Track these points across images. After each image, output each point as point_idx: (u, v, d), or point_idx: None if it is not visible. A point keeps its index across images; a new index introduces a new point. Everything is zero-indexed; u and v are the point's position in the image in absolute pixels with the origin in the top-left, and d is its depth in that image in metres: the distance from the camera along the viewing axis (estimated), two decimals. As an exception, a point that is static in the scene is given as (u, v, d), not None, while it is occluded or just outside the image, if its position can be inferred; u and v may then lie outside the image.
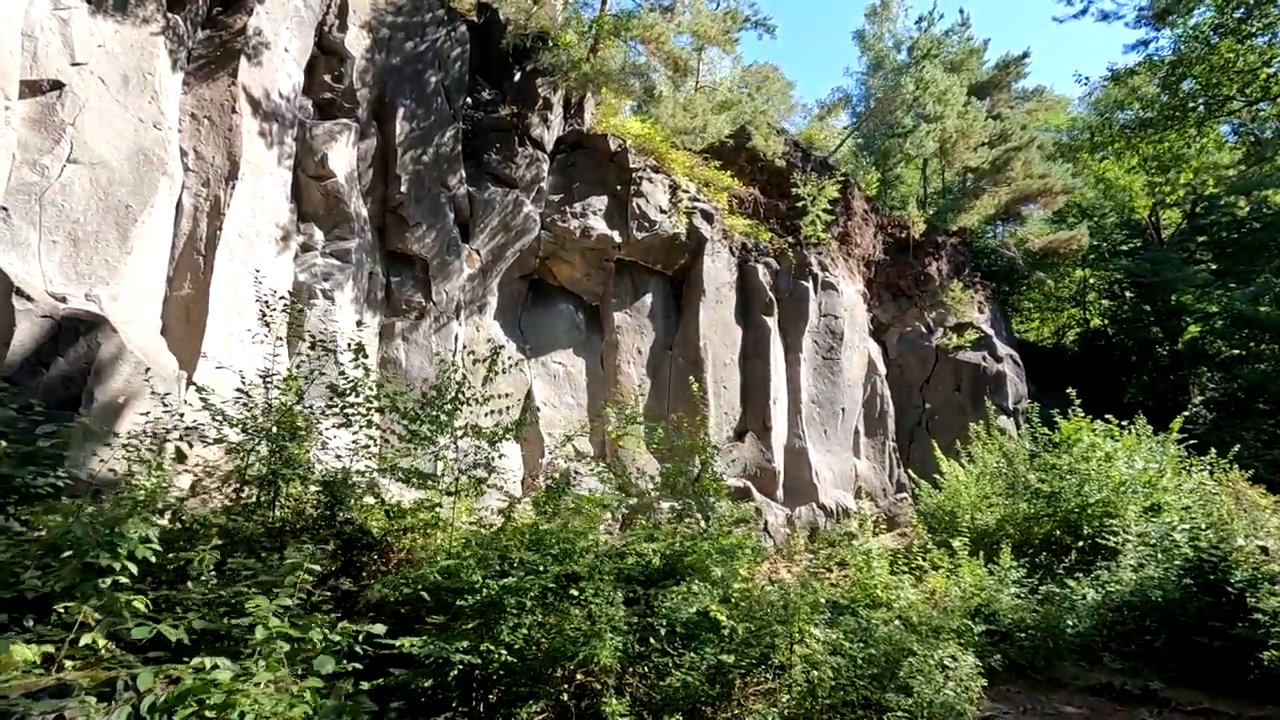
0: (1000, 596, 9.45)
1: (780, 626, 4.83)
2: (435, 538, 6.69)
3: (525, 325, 13.76)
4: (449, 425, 6.57)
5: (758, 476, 14.33)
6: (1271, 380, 21.54)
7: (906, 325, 19.39)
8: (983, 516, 12.96)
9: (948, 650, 5.44)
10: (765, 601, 5.26)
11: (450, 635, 4.98)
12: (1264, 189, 26.45)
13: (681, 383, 14.33)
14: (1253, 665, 7.94)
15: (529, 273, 13.77)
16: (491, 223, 12.77)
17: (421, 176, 11.80)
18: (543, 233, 13.45)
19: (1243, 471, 13.57)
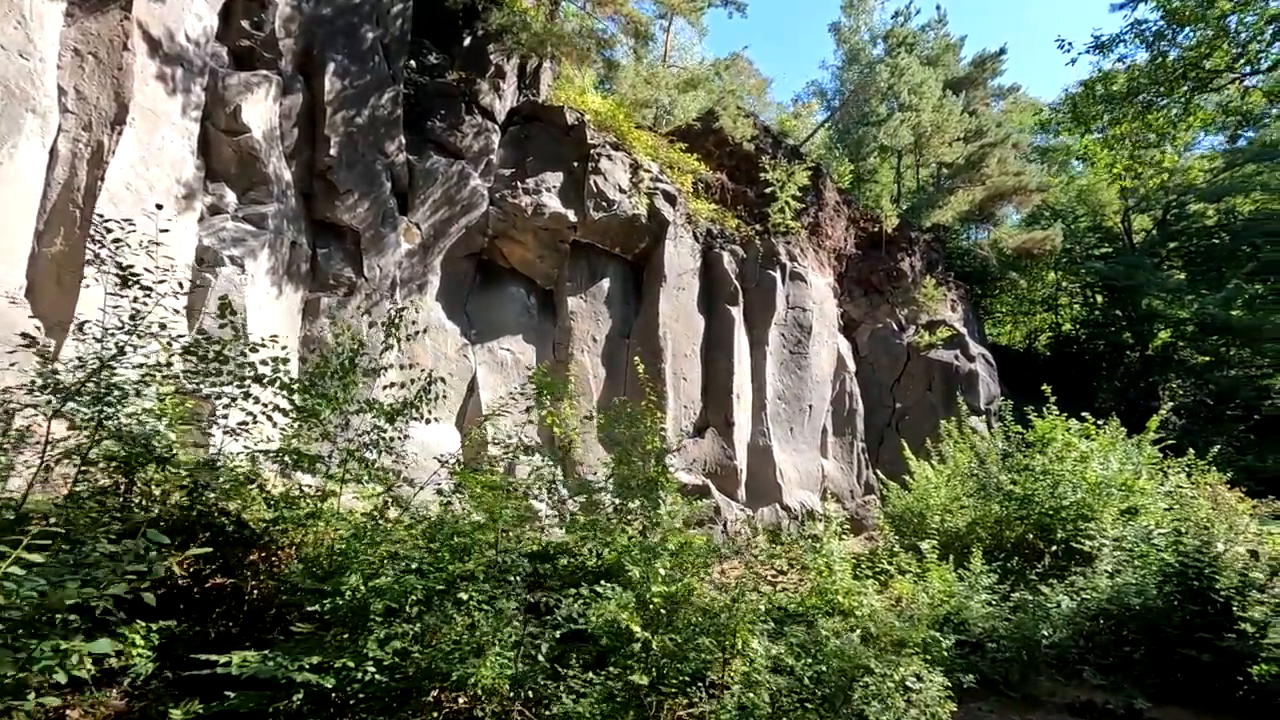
0: (971, 604, 8.69)
1: (708, 639, 3.95)
2: (326, 531, 5.72)
3: (472, 308, 12.78)
4: (340, 400, 5.59)
5: (718, 475, 13.49)
6: (1242, 386, 21.34)
7: (878, 322, 18.75)
8: (953, 519, 12.26)
9: (911, 667, 4.62)
10: (699, 608, 4.37)
11: (308, 648, 4.04)
12: (1234, 194, 26.50)
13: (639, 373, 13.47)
14: (1242, 680, 7.28)
15: (476, 252, 12.80)
16: (433, 195, 11.78)
17: (354, 140, 10.78)
18: (492, 209, 12.50)
19: (1220, 474, 13.05)
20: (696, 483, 13.06)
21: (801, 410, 15.66)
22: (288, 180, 10.10)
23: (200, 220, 9.11)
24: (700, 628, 4.09)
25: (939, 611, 8.69)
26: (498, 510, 4.53)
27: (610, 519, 7.19)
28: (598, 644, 3.95)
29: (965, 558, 10.09)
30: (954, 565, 9.91)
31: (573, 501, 9.80)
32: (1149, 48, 8.38)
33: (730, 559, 11.32)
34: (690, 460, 13.39)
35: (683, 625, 4.02)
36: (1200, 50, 8.31)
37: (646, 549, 4.49)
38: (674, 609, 4.13)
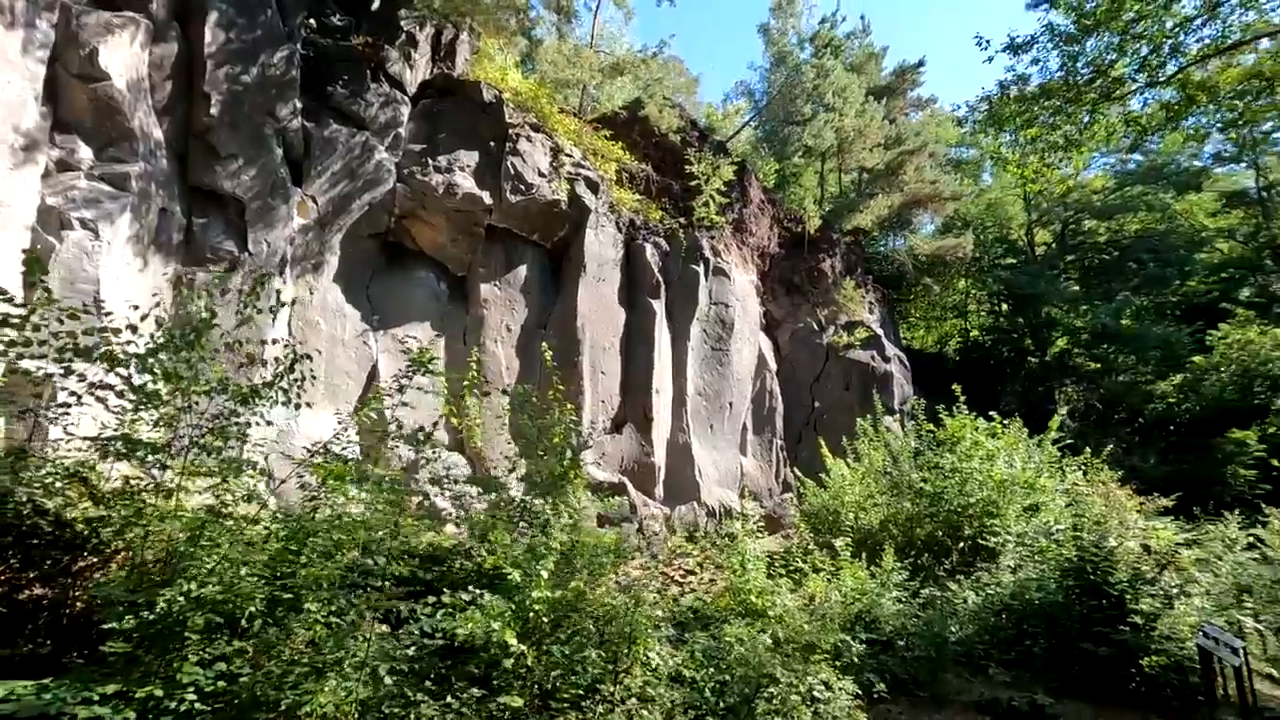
0: (882, 602, 8.61)
1: (598, 651, 3.49)
2: (162, 532, 4.91)
3: (375, 293, 11.86)
4: (186, 380, 4.80)
5: (635, 472, 13.08)
6: (1129, 392, 22.74)
7: (799, 322, 18.85)
8: (866, 516, 12.31)
9: (820, 674, 4.30)
10: (593, 615, 3.89)
11: (110, 673, 3.31)
12: (1124, 213, 28.37)
13: (556, 366, 12.89)
14: (1134, 672, 7.45)
15: (382, 232, 11.90)
16: (333, 167, 10.83)
17: (240, 100, 9.74)
18: (399, 186, 11.64)
19: (1112, 473, 13.67)
20: (612, 480, 12.60)
21: (722, 408, 15.47)
22: (158, 139, 8.99)
23: (46, 177, 7.94)
24: (591, 637, 3.62)
25: (851, 610, 8.56)
26: (377, 505, 3.93)
27: (512, 517, 6.62)
28: (480, 658, 3.41)
29: (878, 555, 10.06)
30: (867, 562, 9.85)
31: (483, 500, 9.12)
32: (1060, 51, 8.59)
33: (642, 558, 10.92)
34: (607, 456, 12.92)
35: (568, 635, 3.54)
36: (1107, 57, 8.54)
37: (531, 550, 3.97)
38: (561, 616, 3.63)
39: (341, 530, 3.93)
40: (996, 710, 6.61)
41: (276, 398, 5.17)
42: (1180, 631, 8.70)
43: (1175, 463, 19.42)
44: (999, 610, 9.18)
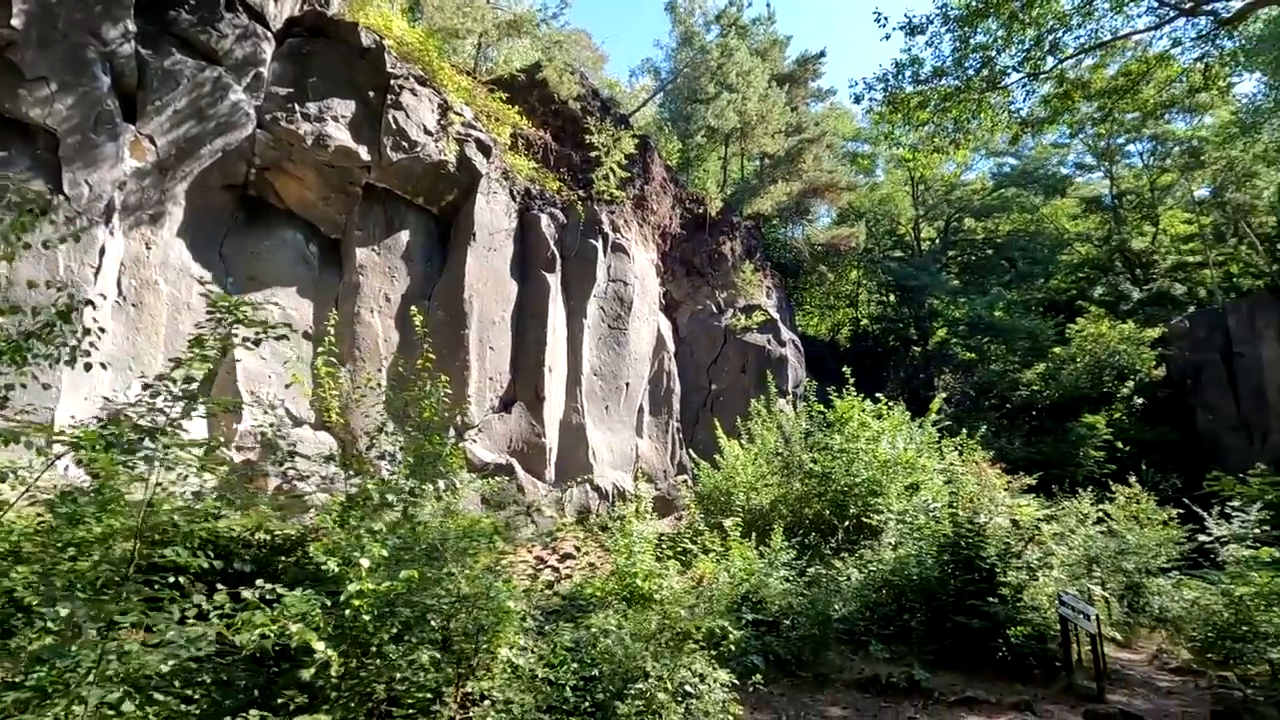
0: (770, 581, 8.52)
1: (430, 653, 2.93)
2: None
3: (230, 251, 10.55)
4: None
5: (524, 453, 12.46)
6: (999, 380, 24.35)
7: (698, 303, 18.75)
8: (758, 497, 12.32)
9: (695, 665, 3.96)
10: (437, 609, 3.32)
11: None
12: (999, 213, 30.34)
13: (440, 340, 12.00)
14: (1002, 642, 7.71)
15: (240, 184, 10.59)
16: (176, 103, 9.44)
17: (53, 13, 8.24)
18: (260, 133, 10.36)
19: (985, 453, 14.41)
20: (499, 460, 11.93)
21: (619, 388, 15.08)
22: (-62, 49, 7.43)
23: None
24: (429, 635, 3.06)
25: (739, 590, 8.42)
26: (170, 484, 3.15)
27: (369, 500, 5.87)
28: (267, 666, 2.77)
29: (768, 535, 10.02)
30: (757, 543, 9.78)
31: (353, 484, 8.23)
32: (953, 35, 8.71)
33: (526, 543, 10.37)
34: (494, 436, 12.22)
35: (396, 634, 2.95)
36: (994, 47, 8.73)
37: (352, 536, 3.33)
38: (389, 613, 3.04)
39: (117, 515, 3.14)
40: (876, 686, 6.59)
41: (57, 355, 4.20)
42: (1041, 602, 9.16)
43: (1037, 445, 20.95)
44: (880, 586, 9.34)
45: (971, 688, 6.80)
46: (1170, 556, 13.53)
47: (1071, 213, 32.17)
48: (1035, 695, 6.75)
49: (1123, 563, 13.01)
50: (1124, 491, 14.81)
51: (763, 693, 6.43)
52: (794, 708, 6.06)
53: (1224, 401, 22.76)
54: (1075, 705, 6.47)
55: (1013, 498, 13.41)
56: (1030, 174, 30.66)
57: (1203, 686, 7.81)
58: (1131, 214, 30.57)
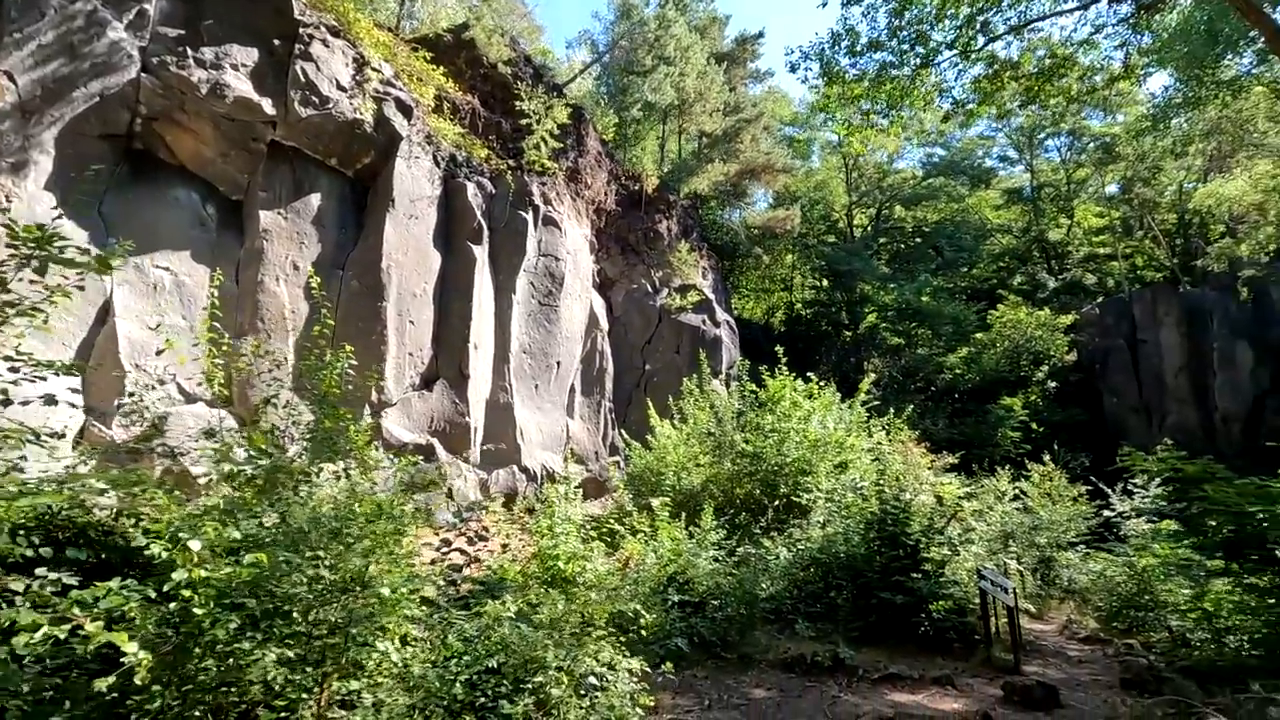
0: (698, 561, 8.30)
1: (277, 651, 2.48)
2: None
3: (112, 209, 9.49)
4: None
5: (447, 433, 11.86)
6: (925, 364, 25.06)
7: (633, 282, 18.40)
8: (689, 477, 12.13)
9: (601, 655, 3.63)
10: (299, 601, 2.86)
11: None
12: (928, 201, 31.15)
13: (355, 312, 11.28)
14: (924, 617, 7.74)
15: (122, 134, 9.52)
16: (41, 37, 8.36)
17: (-120, -81, 7.07)
18: (146, 78, 9.33)
19: (911, 432, 14.68)
20: (419, 440, 11.31)
21: (549, 367, 14.60)
22: None
23: None
24: (283, 632, 2.60)
25: (666, 572, 8.19)
26: None
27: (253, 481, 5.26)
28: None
29: (698, 515, 9.83)
30: (687, 523, 9.56)
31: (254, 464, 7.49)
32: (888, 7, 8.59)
33: (446, 528, 9.86)
34: (414, 415, 11.56)
35: (230, 633, 2.47)
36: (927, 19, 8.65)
37: (190, 517, 2.81)
38: (230, 606, 2.56)
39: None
40: (801, 666, 6.46)
41: None
42: (961, 577, 9.32)
43: (959, 426, 21.66)
44: (808, 565, 9.29)
45: (894, 663, 6.76)
46: (1079, 531, 14.18)
47: (995, 203, 33.37)
48: (955, 669, 6.77)
49: (1036, 538, 13.53)
50: (1039, 470, 15.41)
51: (686, 676, 6.20)
52: (718, 690, 5.85)
53: (1128, 385, 24.10)
54: (993, 678, 6.51)
55: (936, 476, 13.72)
56: (958, 164, 31.61)
57: (1110, 655, 8.06)
58: (1049, 206, 31.94)
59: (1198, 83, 13.85)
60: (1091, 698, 6.07)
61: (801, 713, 5.37)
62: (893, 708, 5.51)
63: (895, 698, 5.82)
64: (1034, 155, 31.88)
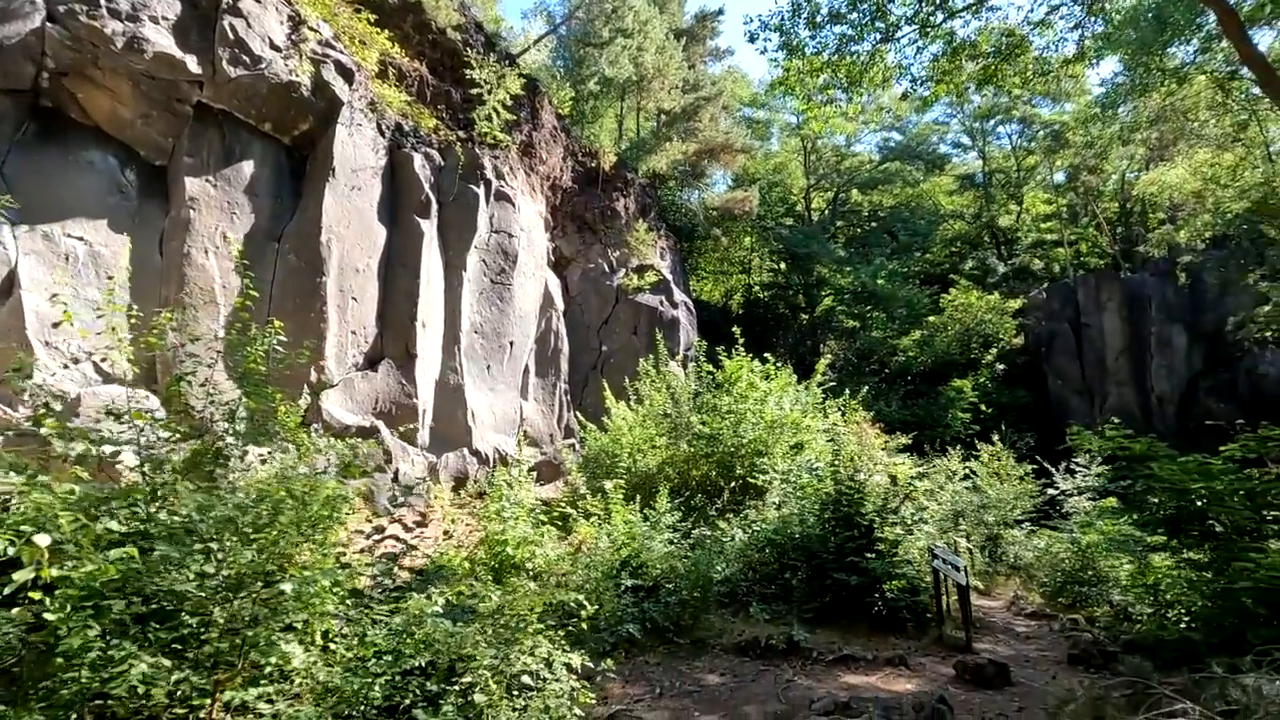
0: (653, 545, 8.11)
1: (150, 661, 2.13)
2: None
3: (16, 172, 8.70)
4: None
5: (393, 415, 11.38)
6: (879, 346, 25.38)
7: (590, 262, 18.01)
8: (644, 459, 11.94)
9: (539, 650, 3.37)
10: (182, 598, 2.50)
11: None
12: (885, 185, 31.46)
13: (293, 288, 10.67)
14: (878, 597, 7.72)
15: (27, 89, 8.71)
16: (-75, -24, 7.52)
17: None
18: (53, 29, 8.53)
19: (866, 413, 14.76)
20: (363, 423, 10.81)
21: (501, 347, 14.16)
22: None
23: None
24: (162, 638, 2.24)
25: (619, 556, 7.98)
26: None
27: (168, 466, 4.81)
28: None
29: (654, 498, 9.64)
30: (642, 506, 9.36)
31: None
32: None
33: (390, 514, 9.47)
34: (357, 396, 11.04)
35: (86, 640, 2.11)
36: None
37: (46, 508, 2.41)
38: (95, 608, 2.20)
39: None
40: (755, 649, 6.33)
41: None
42: (914, 556, 9.38)
43: (911, 407, 22.01)
44: (763, 546, 9.20)
45: (849, 645, 6.70)
46: (1025, 509, 14.56)
47: (948, 189, 33.91)
48: (909, 649, 6.75)
49: (985, 516, 13.83)
50: (988, 450, 15.74)
51: (639, 663, 6.00)
52: (670, 677, 5.67)
53: (1071, 367, 24.84)
54: (946, 656, 6.50)
55: (890, 456, 13.84)
56: (913, 149, 31.96)
57: (1056, 630, 8.19)
58: (1000, 193, 32.61)
59: (1145, 70, 14.12)
60: (1040, 674, 6.10)
61: (755, 697, 5.23)
62: (847, 690, 5.41)
63: (849, 679, 5.74)
64: (986, 142, 32.45)
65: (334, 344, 10.77)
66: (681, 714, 4.86)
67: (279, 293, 10.48)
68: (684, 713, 4.89)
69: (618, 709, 4.82)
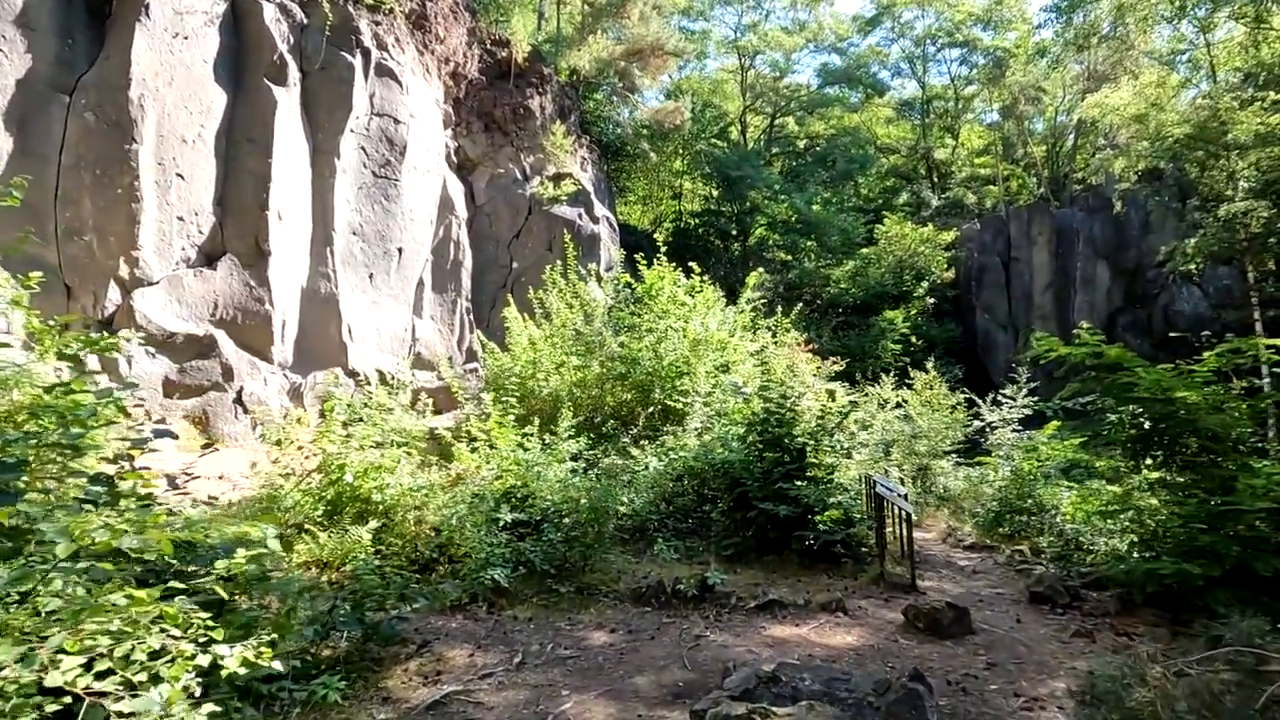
0: (546, 473, 6.63)
1: None
2: None
3: None
4: None
5: (238, 323, 9.33)
6: (812, 276, 24.43)
7: (499, 166, 15.90)
8: (550, 382, 10.37)
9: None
10: None
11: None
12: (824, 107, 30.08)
13: (92, 155, 8.34)
14: (810, 529, 6.56)
15: None
16: None
17: None
18: None
19: (799, 334, 13.69)
20: (196, 331, 8.74)
21: (388, 253, 12.11)
22: None
23: None
24: None
25: (503, 486, 6.49)
26: None
27: None
28: None
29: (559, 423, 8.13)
30: (543, 432, 7.82)
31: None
32: None
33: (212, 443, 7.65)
34: (188, 297, 8.91)
35: None
36: None
37: None
38: None
39: None
40: (658, 597, 5.00)
41: None
42: (849, 484, 8.31)
43: (842, 339, 21.24)
44: (680, 475, 7.91)
45: (775, 586, 5.48)
46: (955, 440, 14.03)
47: (887, 118, 32.90)
48: (846, 589, 5.60)
49: (916, 446, 13.14)
50: (922, 378, 15.03)
51: (504, 619, 4.57)
52: (542, 636, 4.26)
53: (999, 302, 24.63)
54: (890, 598, 5.38)
55: (822, 382, 12.81)
56: (853, 73, 30.54)
57: (1001, 563, 7.29)
58: (936, 123, 31.83)
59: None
60: (1000, 616, 5.05)
61: (650, 663, 3.89)
62: (772, 648, 4.15)
63: (775, 632, 4.49)
64: (926, 70, 31.38)
65: (152, 231, 8.56)
66: (544, 693, 3.45)
67: (70, 160, 8.15)
68: (548, 691, 3.49)
69: (451, 690, 3.37)
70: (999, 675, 3.84)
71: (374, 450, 5.98)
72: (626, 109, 23.40)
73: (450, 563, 5.26)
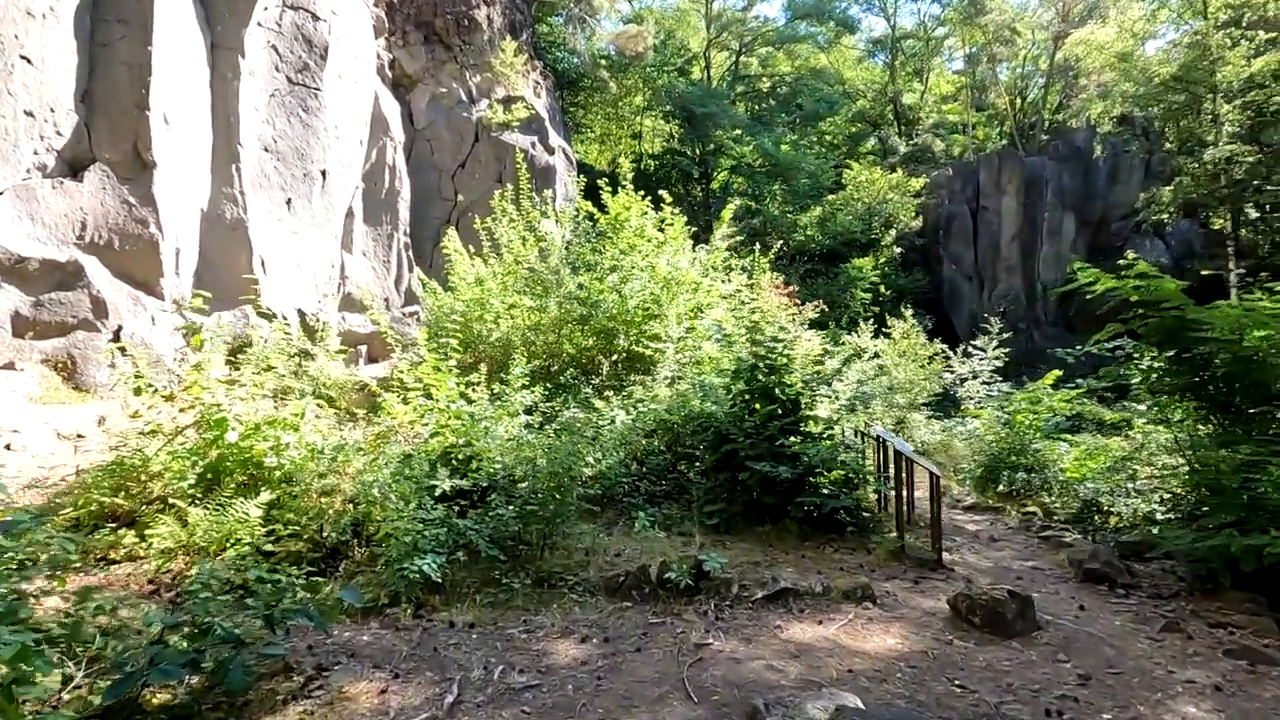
0: (496, 430, 5.41)
1: None
2: None
3: None
4: None
5: (115, 248, 7.66)
6: (775, 222, 23.35)
7: (441, 85, 14.09)
8: (503, 325, 9.04)
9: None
10: None
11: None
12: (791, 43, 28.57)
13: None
14: (810, 493, 5.57)
15: None
16: None
17: None
18: None
19: (775, 275, 12.66)
20: (55, 256, 7.07)
21: (309, 175, 10.40)
22: None
23: None
24: None
25: (436, 445, 5.25)
26: None
27: None
28: None
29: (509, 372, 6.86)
30: (490, 381, 6.55)
31: None
32: None
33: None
34: (45, 215, 7.18)
35: None
36: None
37: None
38: None
39: None
40: (641, 587, 3.91)
41: None
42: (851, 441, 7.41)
43: (810, 287, 20.33)
44: (652, 431, 6.80)
45: (779, 567, 4.45)
46: (932, 392, 13.44)
47: (856, 57, 31.62)
48: (863, 568, 4.61)
49: (894, 398, 12.45)
50: (899, 327, 14.27)
51: (436, 626, 3.39)
52: (486, 655, 3.11)
53: (966, 252, 24.07)
54: (920, 579, 4.43)
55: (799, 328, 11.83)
56: (823, 7, 28.99)
57: (1013, 526, 6.49)
58: (907, 64, 30.75)
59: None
60: (1057, 602, 4.13)
61: (640, 693, 2.80)
62: (798, 660, 3.11)
63: (795, 634, 3.45)
64: (896, 7, 30.09)
65: (-12, 126, 6.77)
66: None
67: None
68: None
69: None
70: (1102, 695, 2.89)
71: (267, 401, 4.65)
72: (584, 35, 21.47)
73: (368, 545, 4.04)
